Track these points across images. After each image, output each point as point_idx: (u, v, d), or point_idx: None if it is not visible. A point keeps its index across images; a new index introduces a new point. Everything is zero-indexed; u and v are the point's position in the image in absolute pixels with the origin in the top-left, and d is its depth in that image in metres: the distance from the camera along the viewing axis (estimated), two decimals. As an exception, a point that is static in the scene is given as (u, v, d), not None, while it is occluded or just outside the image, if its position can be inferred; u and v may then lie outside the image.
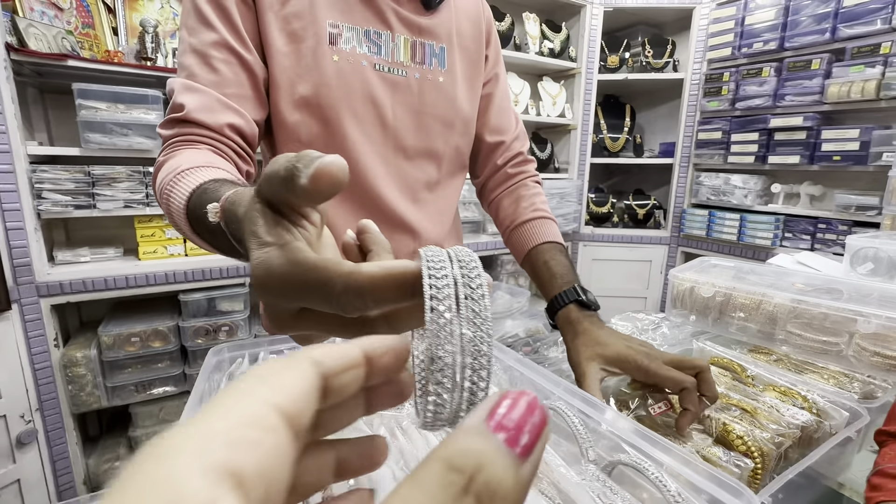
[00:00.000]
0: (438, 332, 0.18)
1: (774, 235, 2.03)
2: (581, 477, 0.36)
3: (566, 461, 0.40)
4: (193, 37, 0.56)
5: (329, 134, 0.63)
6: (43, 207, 1.36)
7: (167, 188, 0.44)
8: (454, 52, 0.72)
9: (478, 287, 0.19)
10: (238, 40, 0.57)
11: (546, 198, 0.82)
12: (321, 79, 0.60)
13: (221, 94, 0.55)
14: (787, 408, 0.63)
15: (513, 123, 0.83)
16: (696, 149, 2.31)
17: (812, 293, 0.82)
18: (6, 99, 1.26)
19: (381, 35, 0.65)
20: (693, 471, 0.37)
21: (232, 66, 0.56)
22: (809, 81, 1.88)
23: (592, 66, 2.36)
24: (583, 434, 0.45)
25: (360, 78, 0.63)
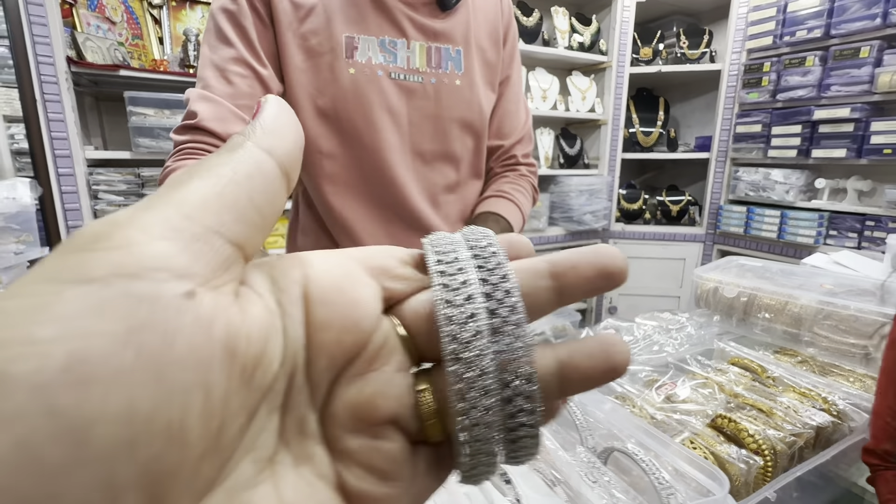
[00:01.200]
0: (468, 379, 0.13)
1: (818, 233, 1.93)
2: (573, 458, 0.38)
3: (564, 447, 0.42)
4: (213, 53, 0.60)
5: (349, 144, 0.66)
6: (99, 207, 1.48)
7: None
8: (471, 54, 0.72)
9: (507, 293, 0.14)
10: (254, 56, 0.60)
11: (521, 187, 0.78)
12: (338, 92, 0.63)
13: (235, 106, 0.58)
14: (806, 409, 0.63)
15: (518, 126, 0.81)
16: (733, 143, 2.23)
17: (841, 295, 0.80)
18: (67, 108, 1.38)
19: (395, 43, 0.67)
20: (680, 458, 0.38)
21: (247, 79, 0.59)
22: (858, 70, 1.78)
23: (624, 59, 2.32)
24: (583, 423, 0.47)
25: (375, 88, 0.65)
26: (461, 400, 0.13)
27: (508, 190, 0.77)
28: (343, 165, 0.67)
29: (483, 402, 0.13)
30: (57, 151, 1.38)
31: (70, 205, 1.42)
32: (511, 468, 0.35)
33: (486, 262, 0.15)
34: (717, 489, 0.33)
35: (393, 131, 0.67)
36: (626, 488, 0.35)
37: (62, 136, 1.38)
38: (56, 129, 1.37)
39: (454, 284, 0.14)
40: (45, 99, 1.33)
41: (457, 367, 0.13)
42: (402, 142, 0.69)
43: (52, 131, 1.36)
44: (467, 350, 0.13)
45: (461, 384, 0.13)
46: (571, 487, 0.33)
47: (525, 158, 0.82)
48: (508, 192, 0.77)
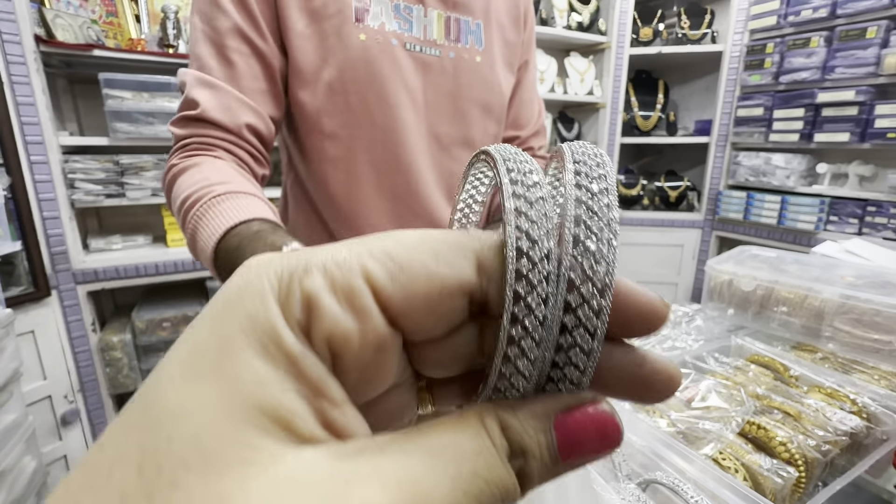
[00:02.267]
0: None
1: (818, 219, 1.91)
2: (620, 496, 0.34)
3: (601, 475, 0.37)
4: (206, 24, 0.52)
5: (357, 123, 0.58)
6: (76, 197, 1.39)
7: (197, 213, 0.43)
8: (491, 29, 0.66)
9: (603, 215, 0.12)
10: (253, 27, 0.53)
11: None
12: (347, 61, 0.55)
13: (238, 90, 0.52)
14: (835, 412, 0.59)
15: (534, 116, 0.77)
16: (734, 126, 2.18)
17: (863, 287, 0.76)
18: (37, 91, 1.29)
19: (411, 9, 0.59)
20: (730, 491, 0.34)
21: (246, 57, 0.53)
22: (864, 52, 1.73)
23: (624, 40, 2.25)
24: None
25: (389, 58, 0.57)
26: (511, 344, 0.12)
27: None
28: (349, 148, 0.59)
29: (534, 352, 0.12)
30: (28, 138, 1.29)
31: (45, 195, 1.34)
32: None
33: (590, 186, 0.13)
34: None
35: (408, 110, 0.60)
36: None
37: (33, 121, 1.29)
38: (26, 114, 1.28)
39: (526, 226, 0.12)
40: (12, 81, 1.24)
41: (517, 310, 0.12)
42: (417, 122, 0.61)
43: (21, 116, 1.27)
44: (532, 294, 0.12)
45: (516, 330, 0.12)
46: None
47: (540, 151, 0.77)
48: None
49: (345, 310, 0.11)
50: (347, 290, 0.11)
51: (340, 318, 0.11)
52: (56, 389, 1.42)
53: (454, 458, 0.11)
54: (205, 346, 0.11)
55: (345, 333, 0.11)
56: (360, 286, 0.12)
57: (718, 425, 0.55)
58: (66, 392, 1.44)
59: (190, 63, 0.54)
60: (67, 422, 1.44)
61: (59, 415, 1.43)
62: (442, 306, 0.12)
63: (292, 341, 0.11)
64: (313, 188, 0.64)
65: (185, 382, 0.10)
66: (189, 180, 0.46)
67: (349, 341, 0.11)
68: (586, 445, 0.12)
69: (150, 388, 0.11)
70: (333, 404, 0.11)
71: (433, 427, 0.12)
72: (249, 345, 0.11)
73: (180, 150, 0.51)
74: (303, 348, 0.11)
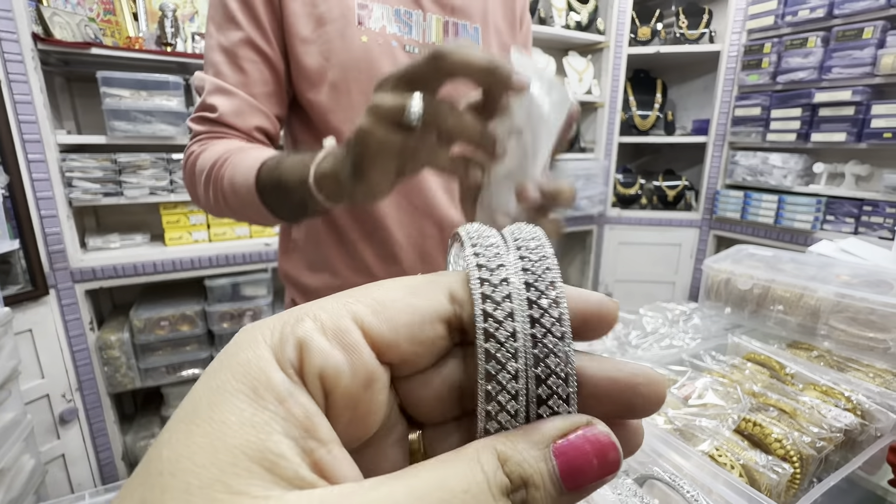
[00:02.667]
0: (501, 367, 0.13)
1: (815, 218, 1.92)
2: (617, 492, 0.34)
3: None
4: (221, 34, 0.58)
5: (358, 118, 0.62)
6: (74, 195, 1.39)
7: (232, 162, 0.50)
8: (489, 32, 0.68)
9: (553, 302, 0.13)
10: (262, 37, 0.58)
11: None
12: (349, 61, 0.59)
13: (249, 95, 0.58)
14: (830, 409, 0.60)
15: None
16: (732, 126, 2.19)
17: (858, 286, 0.76)
18: (35, 89, 1.28)
19: (411, 14, 0.62)
20: (727, 487, 0.34)
21: (257, 64, 0.58)
22: (860, 52, 1.74)
23: (622, 39, 2.25)
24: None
25: (390, 59, 0.61)
26: (489, 401, 0.13)
27: None
28: None
29: (511, 405, 0.13)
30: (26, 136, 1.29)
31: (42, 193, 1.34)
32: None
33: (534, 267, 0.14)
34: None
35: None
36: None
37: (30, 119, 1.29)
38: (24, 112, 1.28)
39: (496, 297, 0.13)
40: (10, 79, 1.24)
41: (490, 366, 0.13)
42: None
43: (19, 114, 1.27)
44: (502, 350, 0.13)
45: (492, 384, 0.13)
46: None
47: None
48: None
49: (334, 346, 0.12)
50: (336, 330, 0.12)
51: (330, 354, 0.12)
52: (54, 388, 1.41)
53: (439, 499, 0.11)
54: (199, 397, 0.11)
55: (335, 367, 0.12)
56: (348, 325, 0.13)
57: (715, 422, 0.55)
58: (64, 391, 1.44)
59: (206, 68, 0.59)
60: (65, 420, 1.44)
61: (57, 413, 1.42)
62: (423, 333, 0.13)
63: (281, 380, 0.11)
64: None
65: (179, 434, 0.11)
66: (212, 151, 0.54)
67: (340, 375, 0.12)
68: (588, 471, 0.12)
69: (155, 443, 0.11)
70: (321, 443, 0.11)
71: (424, 466, 0.12)
72: (239, 389, 0.11)
73: (198, 141, 0.57)
74: (292, 386, 0.11)
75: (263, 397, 0.11)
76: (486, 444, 0.12)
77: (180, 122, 1.48)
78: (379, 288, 0.14)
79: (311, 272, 0.69)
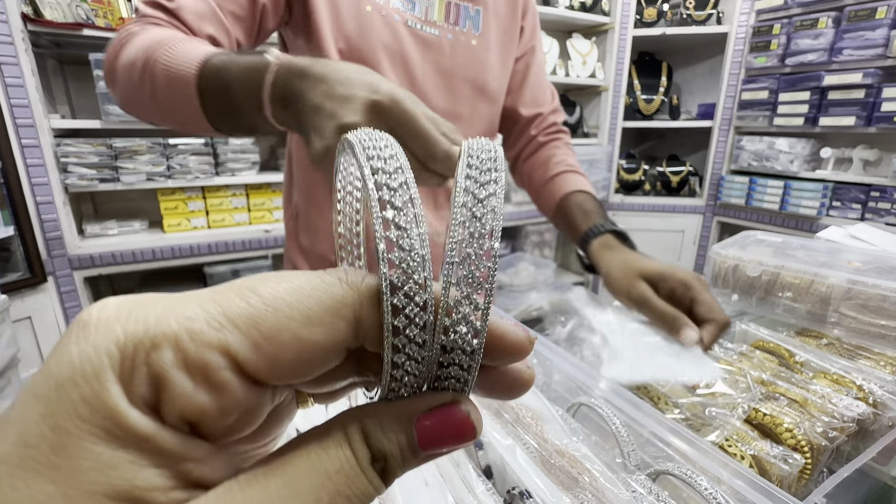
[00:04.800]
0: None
1: (821, 204, 1.89)
2: (629, 489, 0.33)
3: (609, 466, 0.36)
4: None
5: None
6: (69, 181, 1.37)
7: (164, 51, 0.42)
8: (489, 16, 0.70)
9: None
10: None
11: (572, 151, 0.80)
12: (354, 29, 0.60)
13: (217, 6, 0.53)
14: (841, 398, 0.58)
15: (548, 97, 0.81)
16: (738, 110, 2.15)
17: (870, 272, 0.75)
18: (26, 72, 1.25)
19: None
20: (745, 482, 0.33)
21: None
22: (872, 33, 1.69)
23: (627, 21, 2.20)
24: (625, 437, 0.42)
25: (391, 31, 0.62)
26: (395, 351, 0.13)
27: (576, 165, 0.77)
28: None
29: (417, 355, 0.13)
30: (18, 120, 1.26)
31: (37, 179, 1.32)
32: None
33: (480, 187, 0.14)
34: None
35: (403, 81, 0.64)
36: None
37: (23, 103, 1.26)
38: (16, 96, 1.25)
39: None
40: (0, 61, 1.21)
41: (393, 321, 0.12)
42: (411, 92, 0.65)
43: (10, 98, 1.24)
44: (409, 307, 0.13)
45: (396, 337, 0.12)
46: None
47: (564, 126, 0.82)
48: (577, 167, 0.77)
49: (198, 387, 0.11)
50: (201, 366, 0.11)
51: (193, 396, 0.11)
52: (55, 375, 1.41)
53: (314, 485, 0.11)
54: (34, 440, 0.10)
55: (201, 408, 0.11)
56: (216, 361, 0.11)
57: (724, 412, 0.54)
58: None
59: None
60: (67, 407, 1.44)
61: (58, 400, 1.42)
62: (314, 365, 0.12)
63: (140, 421, 0.10)
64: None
65: (18, 482, 0.09)
66: (151, 34, 0.46)
67: (206, 413, 0.11)
68: (443, 441, 0.13)
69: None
70: (199, 462, 0.11)
71: (296, 453, 0.12)
72: (90, 431, 0.10)
73: (139, 22, 0.50)
74: (154, 425, 0.10)
75: (122, 439, 0.10)
76: (353, 418, 0.13)
77: (176, 106, 1.45)
78: (264, 304, 0.11)
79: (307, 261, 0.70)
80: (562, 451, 0.35)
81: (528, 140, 0.80)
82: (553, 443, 0.36)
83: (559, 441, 0.37)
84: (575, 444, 0.36)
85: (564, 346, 0.70)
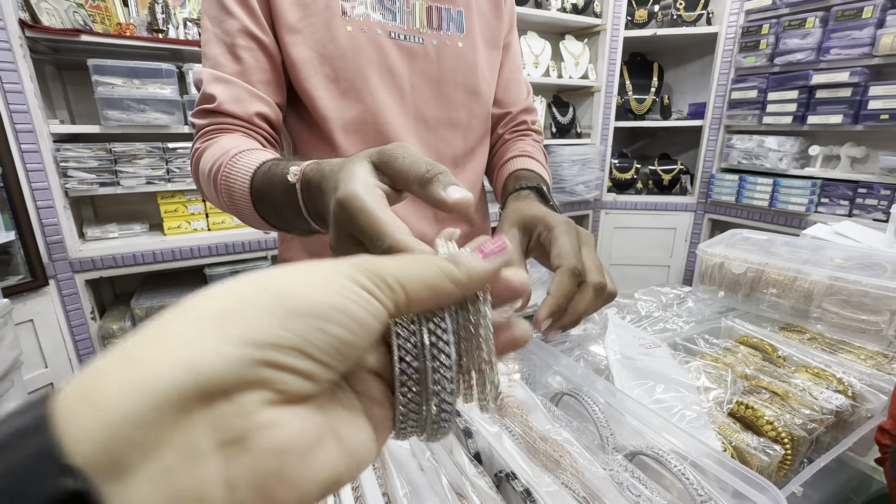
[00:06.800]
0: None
1: (809, 201, 1.93)
2: (607, 469, 0.36)
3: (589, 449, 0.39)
4: (216, 26, 0.58)
5: (347, 107, 0.62)
6: (69, 185, 1.38)
7: (225, 172, 0.49)
8: (472, 15, 0.69)
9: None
10: (257, 25, 0.57)
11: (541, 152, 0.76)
12: (336, 51, 0.59)
13: (248, 83, 0.57)
14: (821, 391, 0.61)
15: (522, 96, 0.79)
16: (728, 109, 2.19)
17: (852, 269, 0.78)
18: (25, 78, 1.26)
19: (394, 1, 0.63)
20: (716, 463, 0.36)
21: (254, 52, 0.58)
22: (859, 32, 1.73)
23: (619, 22, 2.23)
24: (603, 422, 0.44)
25: (375, 47, 0.61)
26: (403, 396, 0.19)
27: (532, 152, 0.72)
28: (344, 131, 0.63)
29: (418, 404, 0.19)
30: (18, 126, 1.28)
31: (37, 183, 1.33)
32: (538, 487, 0.32)
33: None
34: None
35: (394, 94, 0.64)
36: (673, 500, 0.32)
37: (22, 109, 1.27)
38: (14, 101, 1.26)
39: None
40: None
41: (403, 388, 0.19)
42: (403, 106, 0.65)
43: (10, 104, 1.25)
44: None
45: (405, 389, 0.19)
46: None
47: (534, 125, 0.80)
48: (530, 153, 0.72)
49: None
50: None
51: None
52: (58, 377, 1.43)
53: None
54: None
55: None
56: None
57: (711, 405, 0.57)
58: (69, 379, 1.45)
59: (204, 62, 0.59)
60: (70, 409, 1.46)
61: (61, 403, 1.44)
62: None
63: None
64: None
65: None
66: (212, 151, 0.53)
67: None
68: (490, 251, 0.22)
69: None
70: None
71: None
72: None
73: (202, 137, 0.56)
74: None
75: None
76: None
77: (175, 111, 1.46)
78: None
79: (312, 258, 0.70)
80: (545, 436, 0.37)
81: (495, 139, 0.79)
82: (537, 429, 0.39)
83: (542, 427, 0.39)
84: (557, 429, 0.39)
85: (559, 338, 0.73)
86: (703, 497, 0.31)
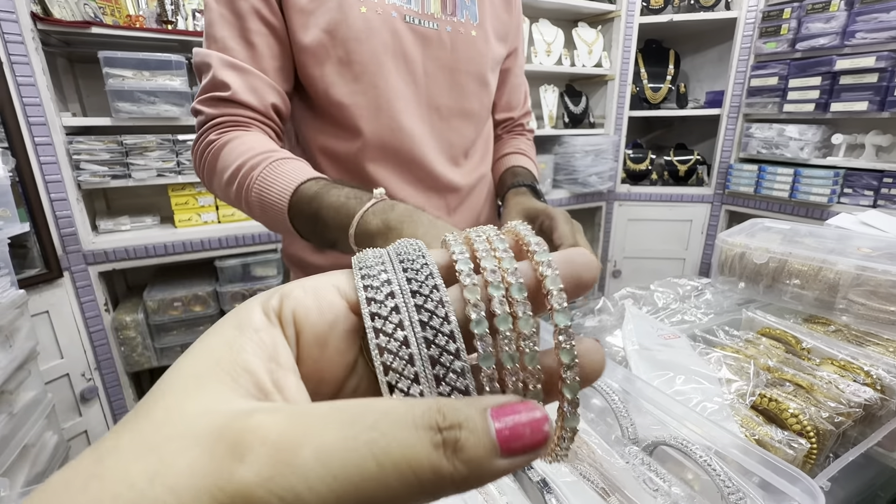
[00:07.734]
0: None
1: (832, 192, 1.87)
2: (625, 460, 0.34)
3: (606, 440, 0.37)
4: (224, 6, 0.54)
5: (362, 91, 0.60)
6: (82, 178, 1.39)
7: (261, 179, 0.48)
8: (485, 5, 0.68)
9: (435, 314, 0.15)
10: (267, 6, 0.54)
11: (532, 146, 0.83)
12: (349, 32, 0.57)
13: (261, 71, 0.55)
14: (848, 384, 0.59)
15: (521, 100, 0.83)
16: (747, 97, 2.12)
17: (880, 259, 0.74)
18: (37, 70, 1.27)
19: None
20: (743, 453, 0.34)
21: (266, 37, 0.55)
22: (887, 15, 1.66)
23: (634, 8, 2.17)
24: (623, 412, 0.43)
25: (389, 30, 0.59)
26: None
27: (526, 149, 0.79)
28: (355, 116, 0.61)
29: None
30: (31, 119, 1.29)
31: (51, 176, 1.34)
32: (554, 478, 0.31)
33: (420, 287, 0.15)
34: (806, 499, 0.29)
35: (407, 81, 0.62)
36: (692, 495, 0.31)
37: (35, 101, 1.28)
38: (27, 94, 1.27)
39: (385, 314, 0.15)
40: (11, 60, 1.23)
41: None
42: (417, 94, 0.63)
43: (23, 96, 1.26)
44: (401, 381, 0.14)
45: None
46: (629, 497, 0.29)
47: (528, 126, 0.85)
48: (522, 150, 0.79)
49: (308, 294, 0.16)
50: (315, 287, 0.16)
51: (303, 298, 0.15)
52: (73, 367, 1.45)
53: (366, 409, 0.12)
54: (202, 337, 0.15)
55: (305, 307, 0.15)
56: (326, 284, 0.16)
57: (733, 397, 0.54)
58: (84, 370, 1.47)
59: (207, 44, 0.55)
60: (86, 399, 1.48)
61: (77, 392, 1.46)
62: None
63: (259, 318, 0.15)
64: (320, 154, 0.65)
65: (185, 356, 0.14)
66: (236, 151, 0.51)
67: (309, 312, 0.15)
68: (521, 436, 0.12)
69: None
70: (280, 367, 0.14)
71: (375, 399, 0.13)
72: (229, 325, 0.15)
73: (215, 129, 0.54)
74: (267, 323, 0.15)
75: (244, 330, 0.14)
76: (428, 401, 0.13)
77: (185, 103, 1.46)
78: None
79: (316, 252, 0.69)
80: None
81: (494, 138, 0.82)
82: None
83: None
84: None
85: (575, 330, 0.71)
86: (730, 489, 0.30)
